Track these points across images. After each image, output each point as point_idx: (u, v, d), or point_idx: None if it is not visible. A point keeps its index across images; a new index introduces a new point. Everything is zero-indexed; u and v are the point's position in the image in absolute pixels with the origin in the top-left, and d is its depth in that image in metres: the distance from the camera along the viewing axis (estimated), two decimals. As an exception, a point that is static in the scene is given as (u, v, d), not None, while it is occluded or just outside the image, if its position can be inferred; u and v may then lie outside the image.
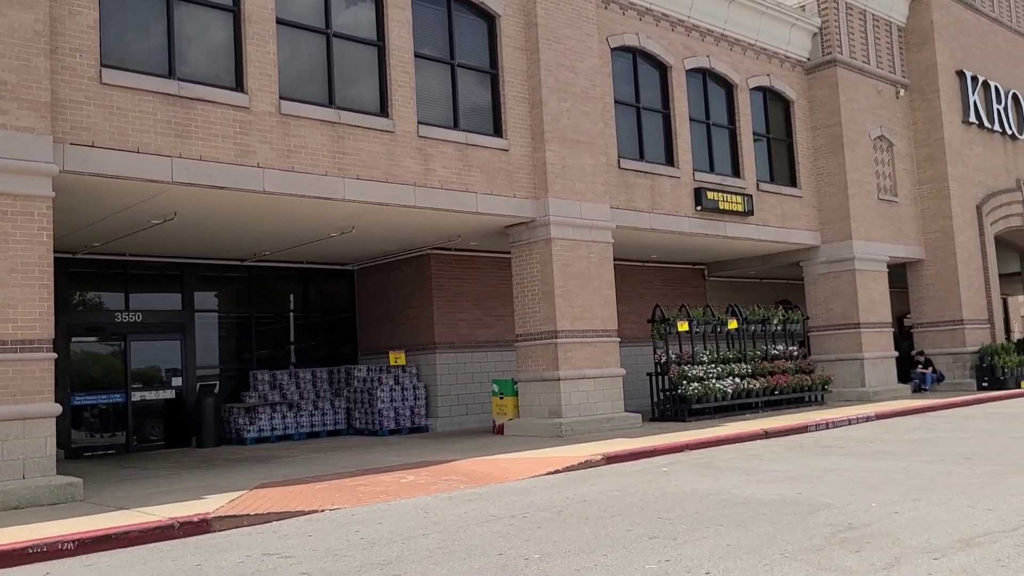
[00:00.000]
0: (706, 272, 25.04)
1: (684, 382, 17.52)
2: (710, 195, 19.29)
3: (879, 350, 22.03)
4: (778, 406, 19.31)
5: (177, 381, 17.87)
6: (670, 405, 17.80)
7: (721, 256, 23.22)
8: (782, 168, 22.00)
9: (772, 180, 21.49)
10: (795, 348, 20.62)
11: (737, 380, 18.35)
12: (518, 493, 9.85)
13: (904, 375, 24.09)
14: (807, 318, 21.42)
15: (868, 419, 16.87)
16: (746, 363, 19.20)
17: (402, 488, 10.36)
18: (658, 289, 23.26)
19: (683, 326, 18.19)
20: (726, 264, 24.45)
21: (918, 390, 23.24)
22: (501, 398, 16.80)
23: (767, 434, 14.67)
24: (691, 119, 19.51)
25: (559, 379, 15.62)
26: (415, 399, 18.38)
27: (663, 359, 17.95)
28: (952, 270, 23.84)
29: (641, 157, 18.42)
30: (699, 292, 24.60)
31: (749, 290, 25.88)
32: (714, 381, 17.88)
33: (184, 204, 13.03)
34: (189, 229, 14.99)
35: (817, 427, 15.63)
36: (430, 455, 13.46)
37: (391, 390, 18.09)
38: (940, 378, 23.75)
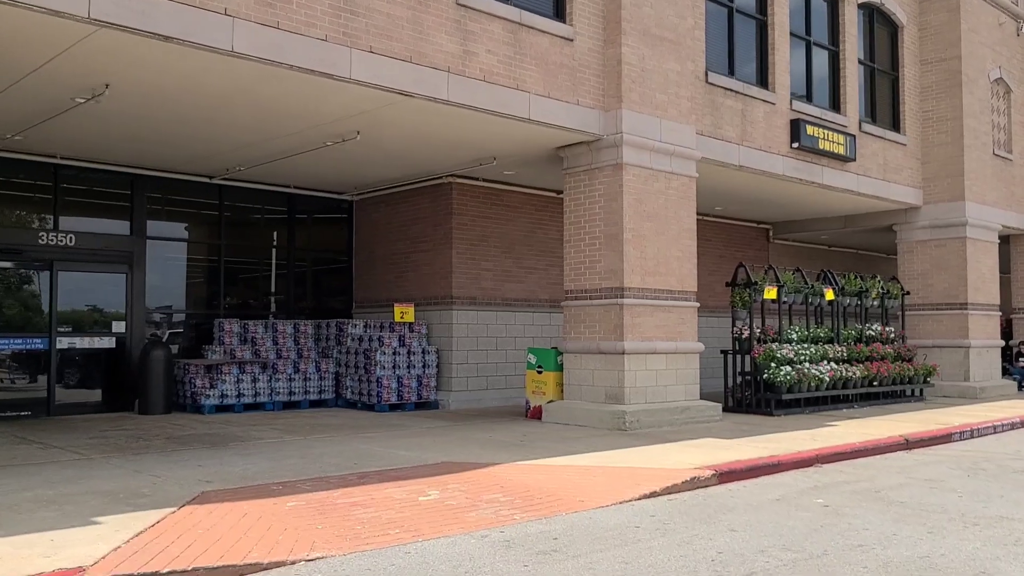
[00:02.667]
0: (771, 233, 21.08)
1: (772, 365, 13.61)
2: (810, 130, 15.25)
3: (985, 337, 18.17)
4: (875, 400, 15.47)
5: (119, 326, 13.85)
6: (750, 392, 13.91)
7: (798, 213, 19.22)
8: (884, 108, 17.95)
9: (874, 121, 17.46)
10: (891, 329, 16.74)
11: (833, 365, 14.46)
12: (617, 540, 5.94)
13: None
14: (907, 293, 17.49)
15: (1014, 426, 13.03)
16: (839, 345, 15.32)
17: (424, 516, 6.43)
18: (717, 249, 19.32)
19: (771, 293, 14.25)
20: (796, 224, 20.49)
21: (1021, 388, 19.44)
22: (539, 372, 12.87)
23: (908, 443, 10.80)
24: (790, 33, 15.39)
25: (623, 352, 11.68)
26: (424, 366, 14.43)
27: (744, 334, 14.02)
28: (1070, 246, 19.95)
29: (731, 72, 14.32)
30: (761, 256, 20.62)
31: (816, 258, 21.91)
32: (807, 365, 13.99)
33: (117, 69, 8.93)
34: (134, 120, 10.89)
35: (961, 435, 11.77)
36: (453, 450, 9.53)
37: (394, 353, 14.13)
38: (1045, 375, 19.97)
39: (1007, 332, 21.52)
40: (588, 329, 12.17)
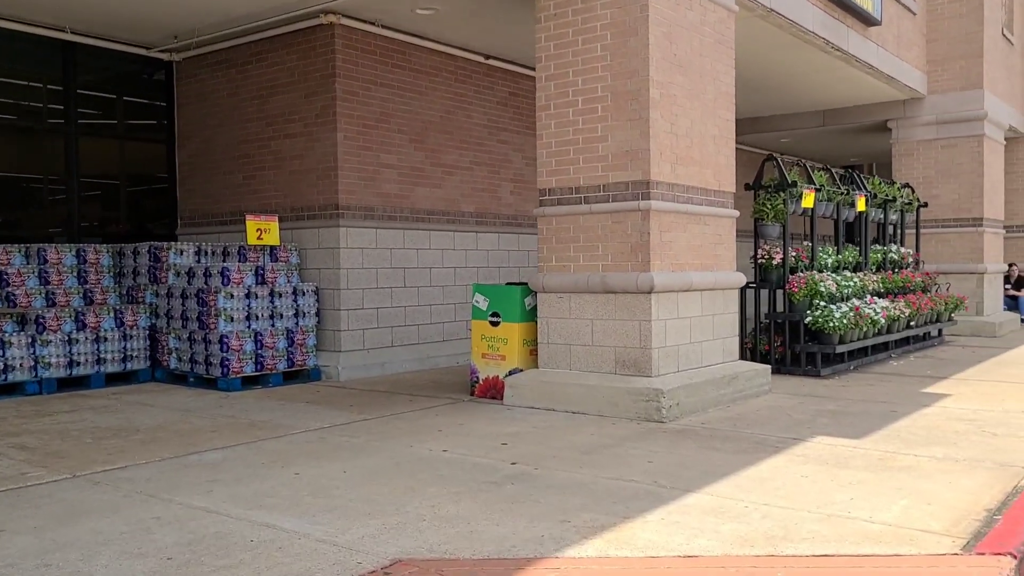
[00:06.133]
0: (727, 134, 16.85)
1: (818, 303, 9.39)
2: (844, -28, 10.90)
3: (994, 260, 14.86)
4: (905, 344, 11.69)
5: None
6: (781, 341, 9.65)
7: (771, 106, 15.07)
8: (893, -35, 13.88)
9: (887, -21, 13.35)
10: (909, 252, 12.97)
11: (882, 302, 10.44)
12: None
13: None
14: (924, 205, 13.71)
15: None
16: (870, 272, 11.35)
17: None
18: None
19: (808, 200, 9.92)
20: (762, 123, 16.40)
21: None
22: (495, 324, 8.00)
23: (1110, 429, 6.82)
24: None
25: (651, 290, 7.00)
26: (297, 315, 9.23)
27: (774, 259, 9.66)
28: (1069, 152, 16.95)
29: None
30: (716, 163, 16.44)
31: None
32: (854, 302, 9.88)
33: None
34: None
35: None
36: (392, 499, 4.52)
37: (248, 295, 8.84)
38: (1034, 305, 17.09)
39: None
40: (584, 252, 7.38)
